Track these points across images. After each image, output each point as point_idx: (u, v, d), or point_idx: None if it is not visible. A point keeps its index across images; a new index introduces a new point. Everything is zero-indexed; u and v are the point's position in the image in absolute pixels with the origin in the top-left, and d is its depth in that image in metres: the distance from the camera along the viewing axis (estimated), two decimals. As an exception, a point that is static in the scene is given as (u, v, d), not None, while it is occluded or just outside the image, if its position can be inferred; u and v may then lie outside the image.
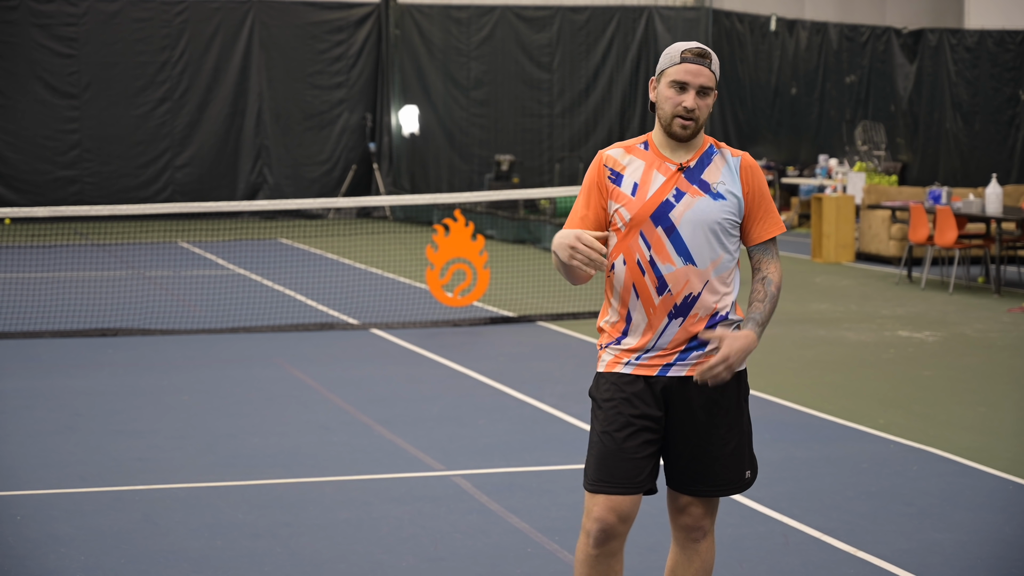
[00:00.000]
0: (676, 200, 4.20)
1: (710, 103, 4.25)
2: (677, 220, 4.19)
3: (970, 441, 8.09)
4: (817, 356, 11.09)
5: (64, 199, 22.08)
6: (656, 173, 4.23)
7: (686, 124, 4.22)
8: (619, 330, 4.28)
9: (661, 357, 4.23)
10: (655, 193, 4.21)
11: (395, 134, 24.40)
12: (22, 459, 7.59)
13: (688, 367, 4.23)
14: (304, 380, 9.87)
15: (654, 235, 4.20)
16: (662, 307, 4.21)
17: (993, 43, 22.99)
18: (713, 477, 4.30)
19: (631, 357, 4.25)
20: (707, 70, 4.21)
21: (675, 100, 4.21)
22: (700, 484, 4.31)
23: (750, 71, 25.59)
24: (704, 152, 4.30)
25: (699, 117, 4.23)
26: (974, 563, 5.89)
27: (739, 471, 4.33)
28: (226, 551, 6.00)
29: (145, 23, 23.23)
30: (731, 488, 4.34)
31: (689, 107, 4.20)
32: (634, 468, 4.22)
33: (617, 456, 4.22)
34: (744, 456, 4.35)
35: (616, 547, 4.27)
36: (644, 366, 4.24)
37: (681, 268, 4.19)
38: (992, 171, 19.58)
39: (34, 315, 12.46)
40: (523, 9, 24.98)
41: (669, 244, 4.19)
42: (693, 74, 4.20)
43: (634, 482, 4.22)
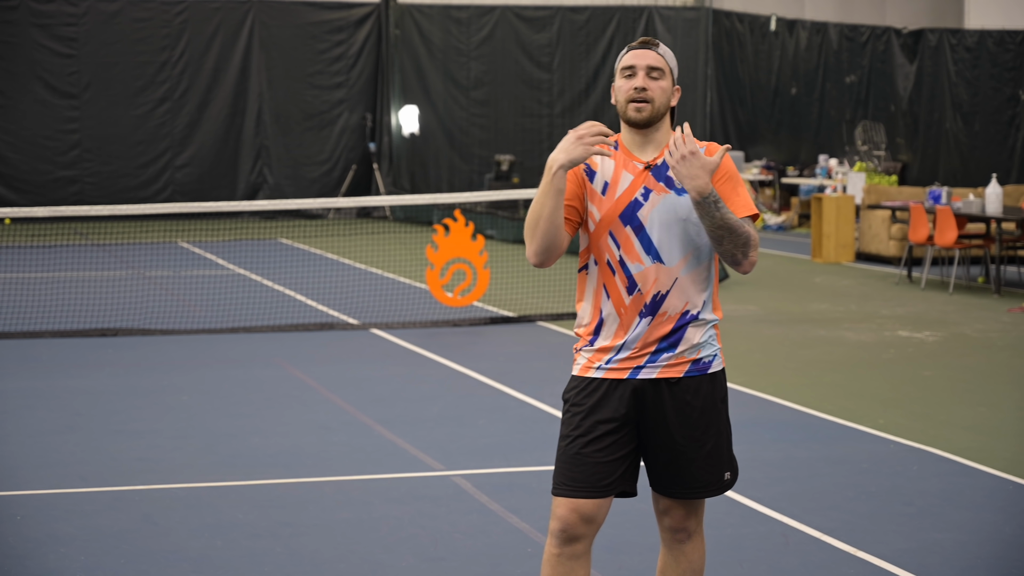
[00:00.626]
0: (644, 199, 4.19)
1: (665, 86, 4.21)
2: (645, 219, 4.18)
3: (970, 441, 8.09)
4: (817, 356, 11.09)
5: (64, 199, 22.07)
6: (625, 173, 4.23)
7: (640, 106, 4.19)
8: (592, 331, 4.26)
9: (631, 359, 4.21)
10: (624, 192, 4.20)
11: (395, 134, 24.40)
12: (22, 459, 7.59)
13: (658, 369, 4.21)
14: (304, 380, 9.87)
15: (623, 234, 4.19)
16: (633, 306, 4.19)
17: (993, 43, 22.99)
18: (690, 479, 4.29)
19: (603, 360, 4.23)
20: (652, 52, 4.20)
21: (626, 87, 4.21)
22: (677, 486, 4.30)
23: (750, 71, 25.59)
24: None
25: (654, 98, 4.19)
26: (974, 563, 5.89)
27: (717, 473, 4.31)
28: (226, 551, 6.00)
29: (145, 23, 23.23)
30: (709, 490, 4.32)
31: (638, 85, 4.17)
32: (597, 472, 4.20)
33: (579, 460, 4.21)
34: (722, 458, 4.32)
35: (580, 549, 4.25)
36: (615, 369, 4.22)
37: (650, 267, 4.18)
38: (992, 171, 19.58)
39: (34, 315, 12.46)
40: (523, 9, 24.98)
41: (637, 243, 4.19)
42: (638, 57, 4.20)
43: (597, 486, 4.20)
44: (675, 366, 4.22)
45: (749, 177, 23.96)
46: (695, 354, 4.23)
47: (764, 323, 12.78)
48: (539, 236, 4.15)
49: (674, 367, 4.21)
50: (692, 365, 4.23)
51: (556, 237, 4.14)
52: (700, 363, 4.24)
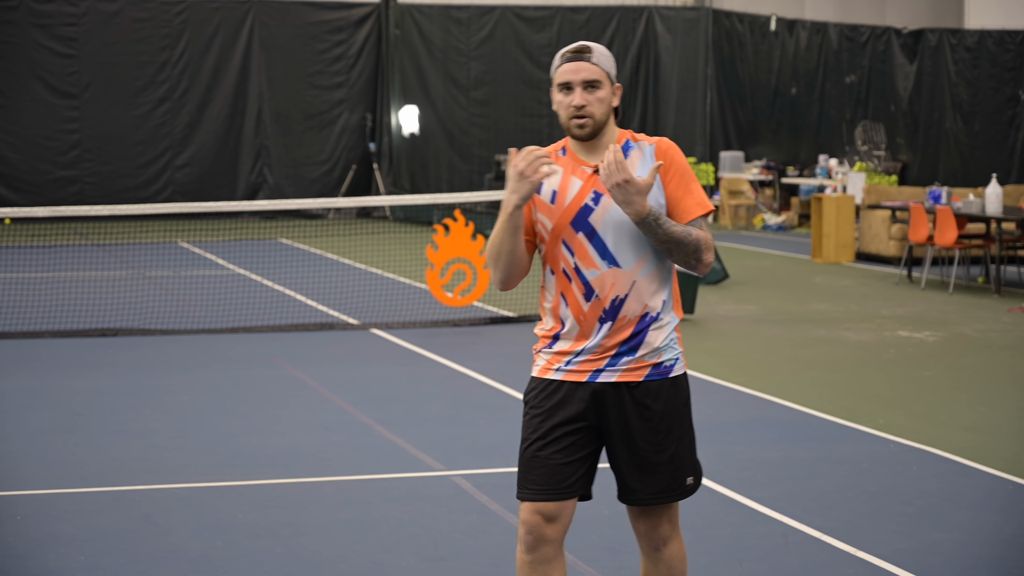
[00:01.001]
0: (595, 203, 4.14)
1: (604, 96, 4.15)
2: (597, 224, 4.13)
3: (970, 441, 8.09)
4: (817, 356, 11.09)
5: (64, 199, 22.07)
6: (573, 179, 4.17)
7: (581, 123, 4.13)
8: (552, 336, 4.22)
9: (591, 362, 4.17)
10: (573, 199, 4.15)
11: (395, 134, 24.41)
12: (22, 459, 7.59)
13: (618, 373, 4.16)
14: (304, 380, 9.87)
15: (576, 241, 4.15)
16: (592, 313, 4.15)
17: (993, 43, 22.99)
18: (651, 485, 4.22)
19: (562, 362, 4.20)
20: (587, 64, 4.12)
21: (564, 103, 4.15)
22: (639, 492, 4.24)
23: (750, 71, 25.59)
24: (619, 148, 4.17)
25: (594, 113, 4.14)
26: (974, 563, 5.89)
27: (679, 477, 4.24)
28: (226, 551, 6.00)
29: (145, 23, 23.23)
30: (670, 495, 4.24)
31: (576, 103, 4.11)
32: (556, 474, 4.17)
33: (537, 463, 4.19)
34: (684, 462, 4.25)
35: (550, 553, 4.24)
36: (574, 371, 4.18)
37: (606, 271, 4.13)
38: (992, 171, 19.59)
39: (34, 315, 12.46)
40: (523, 9, 24.98)
41: (591, 249, 4.13)
42: (573, 71, 4.13)
43: (557, 488, 4.18)
44: (635, 370, 4.17)
45: (749, 177, 23.97)
46: (656, 358, 4.18)
47: (764, 323, 12.78)
48: (502, 268, 4.19)
49: (634, 371, 4.17)
50: (652, 369, 4.18)
51: (517, 266, 4.19)
52: (661, 367, 4.19)
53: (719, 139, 25.52)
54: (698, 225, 4.15)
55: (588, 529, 6.15)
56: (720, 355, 10.99)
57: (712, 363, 10.51)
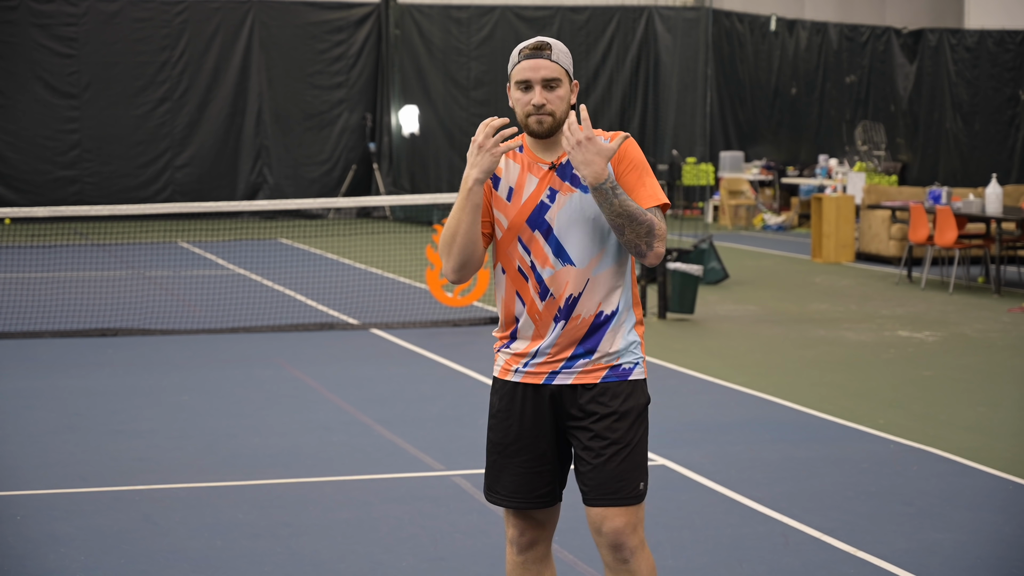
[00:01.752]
0: (551, 201, 4.10)
1: (563, 94, 4.10)
2: (553, 221, 4.09)
3: (970, 441, 8.09)
4: (817, 356, 11.09)
5: (64, 199, 22.08)
6: (530, 176, 4.14)
7: (540, 119, 4.10)
8: (508, 336, 4.18)
9: (547, 364, 4.13)
10: (529, 197, 4.12)
11: (395, 134, 24.41)
12: (22, 459, 7.59)
13: (574, 375, 4.12)
14: (304, 380, 9.87)
15: (531, 239, 4.10)
16: (547, 312, 4.10)
17: (993, 43, 23.00)
18: (606, 484, 4.11)
19: (520, 363, 4.16)
20: (546, 62, 4.08)
21: (523, 100, 4.12)
22: (597, 492, 4.13)
23: (750, 71, 25.59)
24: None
25: (554, 111, 4.09)
26: (974, 563, 5.89)
27: (632, 480, 4.13)
28: (226, 551, 6.00)
29: (145, 23, 23.23)
30: (623, 499, 4.11)
31: (537, 103, 4.09)
32: (526, 483, 4.18)
33: (508, 470, 4.20)
34: (639, 465, 4.14)
35: (542, 552, 4.25)
36: (532, 374, 4.15)
37: (561, 270, 4.09)
38: (992, 171, 19.59)
39: (34, 315, 12.46)
40: (523, 9, 24.98)
41: (547, 247, 4.09)
42: (533, 69, 4.08)
43: (528, 497, 4.19)
44: (591, 372, 4.12)
45: (749, 177, 23.96)
46: (613, 360, 4.13)
47: (764, 323, 12.78)
48: (456, 252, 4.09)
49: (590, 373, 4.12)
50: (610, 371, 4.12)
51: (473, 253, 4.10)
52: (619, 369, 4.13)
53: (719, 139, 25.53)
54: (653, 214, 4.07)
55: (587, 529, 6.14)
56: (720, 355, 10.99)
57: (712, 363, 10.51)
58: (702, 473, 7.21)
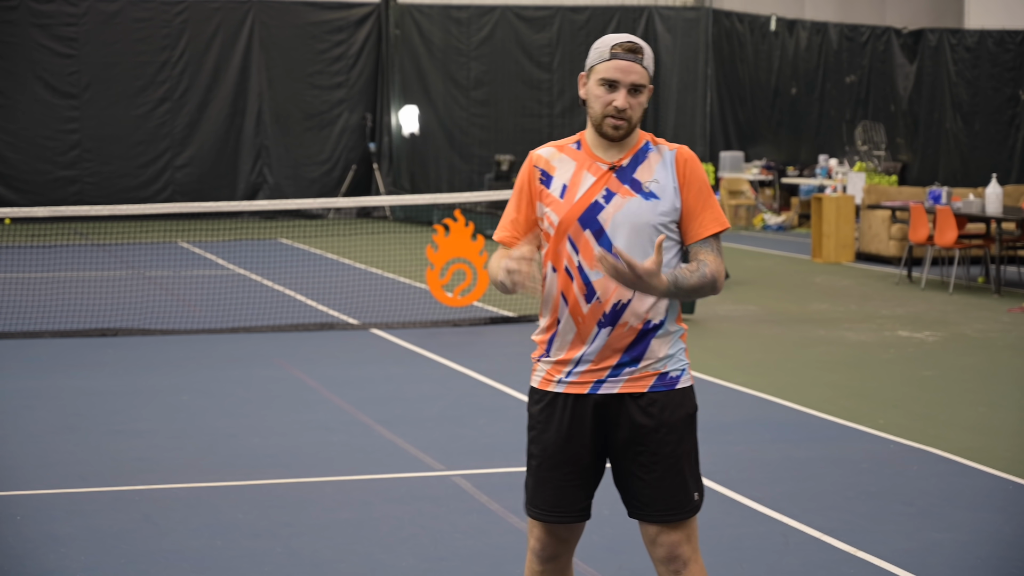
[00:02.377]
0: (606, 202, 3.97)
1: (643, 100, 3.99)
2: (606, 223, 3.97)
3: (970, 441, 8.09)
4: (817, 356, 11.09)
5: (64, 199, 22.07)
6: (586, 174, 4.01)
7: (618, 124, 3.97)
8: (548, 340, 4.07)
9: (592, 372, 4.01)
10: (584, 195, 3.99)
11: (395, 134, 24.41)
12: (22, 459, 7.59)
13: (621, 384, 4.00)
14: (304, 380, 9.87)
15: (582, 239, 3.98)
16: (591, 316, 3.99)
17: (993, 43, 23.00)
18: (661, 500, 4.04)
19: (562, 373, 4.05)
20: (639, 67, 3.95)
21: (605, 99, 3.96)
22: (648, 508, 4.05)
23: (750, 71, 25.60)
24: (639, 149, 4.04)
25: (632, 116, 3.97)
26: (974, 563, 5.89)
27: (687, 492, 4.07)
28: (226, 551, 6.00)
29: (145, 23, 23.23)
30: (681, 512, 4.05)
31: (620, 107, 3.94)
32: (566, 497, 4.08)
33: (550, 484, 4.09)
34: (692, 475, 4.10)
35: (564, 563, 4.19)
36: (575, 384, 4.03)
37: None
38: (992, 171, 19.59)
39: (34, 315, 12.46)
40: (523, 9, 24.99)
41: (597, 248, 3.95)
42: (624, 71, 3.94)
43: (567, 511, 4.10)
44: (638, 380, 4.01)
45: (749, 177, 23.97)
46: (660, 368, 4.03)
47: (764, 323, 12.78)
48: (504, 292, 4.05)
49: (637, 381, 4.01)
50: (657, 380, 4.02)
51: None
52: (666, 378, 4.03)
53: (719, 139, 25.53)
54: (711, 247, 4.01)
55: (589, 529, 6.11)
56: (720, 355, 10.99)
57: (712, 363, 10.50)
58: (702, 473, 7.20)
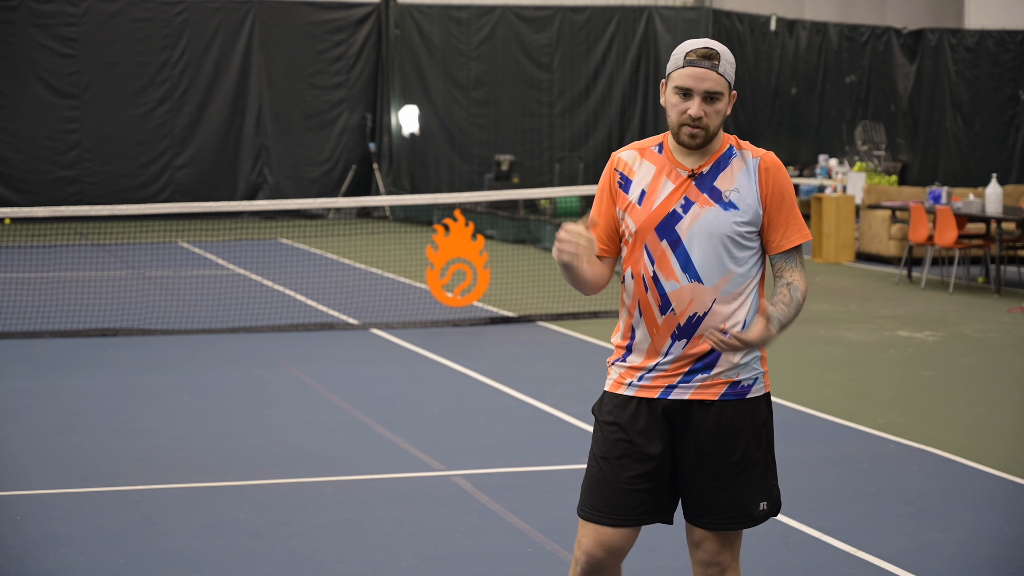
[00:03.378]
0: (684, 211, 3.88)
1: (721, 108, 3.87)
2: (683, 233, 3.87)
3: (970, 441, 8.09)
4: (817, 356, 11.09)
5: (64, 199, 22.06)
6: (666, 180, 3.92)
7: (694, 133, 3.86)
8: (625, 347, 4.00)
9: (664, 377, 3.94)
10: (662, 203, 3.90)
11: (395, 134, 24.41)
12: (22, 459, 7.59)
13: (692, 390, 3.93)
14: (304, 380, 9.87)
15: (658, 249, 3.89)
16: (665, 327, 3.91)
17: (993, 43, 23.00)
18: (723, 508, 3.97)
19: (634, 377, 3.97)
20: (714, 74, 3.84)
21: (680, 108, 3.86)
22: (708, 515, 3.99)
23: (750, 71, 25.59)
24: (721, 155, 3.93)
25: (709, 125, 3.86)
26: (974, 563, 5.89)
27: (750, 503, 3.99)
28: (226, 551, 6.00)
29: (145, 23, 23.23)
30: (742, 521, 3.99)
31: (694, 115, 3.84)
32: (627, 500, 3.97)
33: (611, 486, 3.99)
34: (758, 487, 4.00)
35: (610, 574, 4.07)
36: (646, 387, 3.96)
37: (686, 286, 3.88)
38: (992, 171, 19.59)
39: (34, 315, 12.45)
40: (523, 9, 24.98)
41: (674, 259, 3.88)
42: (698, 79, 3.84)
43: (626, 515, 3.98)
44: (710, 387, 3.93)
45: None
46: (733, 376, 3.94)
47: (764, 323, 12.77)
48: (578, 288, 4.04)
49: (709, 388, 3.93)
50: (729, 388, 3.94)
51: (592, 285, 4.02)
52: (738, 386, 3.94)
53: (719, 139, 25.50)
54: (795, 262, 3.95)
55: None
56: (720, 355, 10.98)
57: (712, 363, 10.49)
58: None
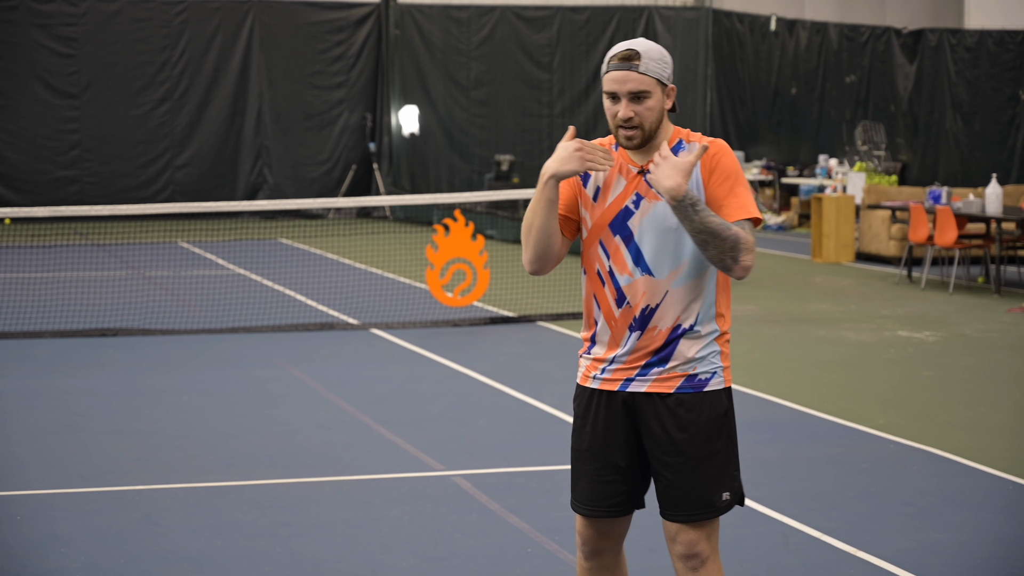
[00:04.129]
0: (635, 207, 3.98)
1: (653, 104, 3.93)
2: (635, 228, 3.98)
3: (970, 441, 8.09)
4: (817, 356, 11.09)
5: (64, 199, 22.07)
6: (619, 177, 4.02)
7: (629, 135, 3.95)
8: (589, 339, 4.12)
9: (623, 370, 4.04)
10: (615, 200, 4.01)
11: (395, 134, 24.41)
12: (22, 459, 7.59)
13: (648, 383, 4.02)
14: (304, 380, 9.87)
15: (612, 244, 4.00)
16: (622, 319, 4.02)
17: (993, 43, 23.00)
18: (687, 499, 4.03)
19: (598, 370, 4.09)
20: (634, 74, 3.91)
21: (611, 111, 3.96)
22: (675, 507, 4.05)
23: (750, 71, 25.60)
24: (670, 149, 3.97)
25: (642, 123, 3.94)
26: (974, 563, 5.89)
27: (715, 493, 4.05)
28: (226, 551, 6.00)
29: (145, 23, 23.23)
30: (705, 512, 4.04)
31: (622, 117, 3.93)
32: (599, 491, 4.11)
33: (584, 477, 4.14)
34: (721, 477, 4.06)
35: (610, 560, 4.19)
36: (608, 380, 4.07)
37: (639, 279, 3.99)
38: (992, 171, 19.58)
39: (34, 315, 12.46)
40: (523, 9, 24.98)
41: (627, 253, 3.99)
42: (619, 82, 3.92)
43: (599, 506, 4.12)
44: (666, 381, 4.02)
45: (749, 177, 23.96)
46: (689, 370, 4.02)
47: (764, 323, 12.78)
48: (532, 245, 4.02)
49: (665, 382, 4.02)
50: (685, 381, 4.02)
51: (550, 246, 4.01)
52: (695, 380, 4.02)
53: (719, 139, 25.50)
54: (740, 227, 3.92)
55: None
56: (720, 355, 10.98)
57: (712, 363, 10.49)
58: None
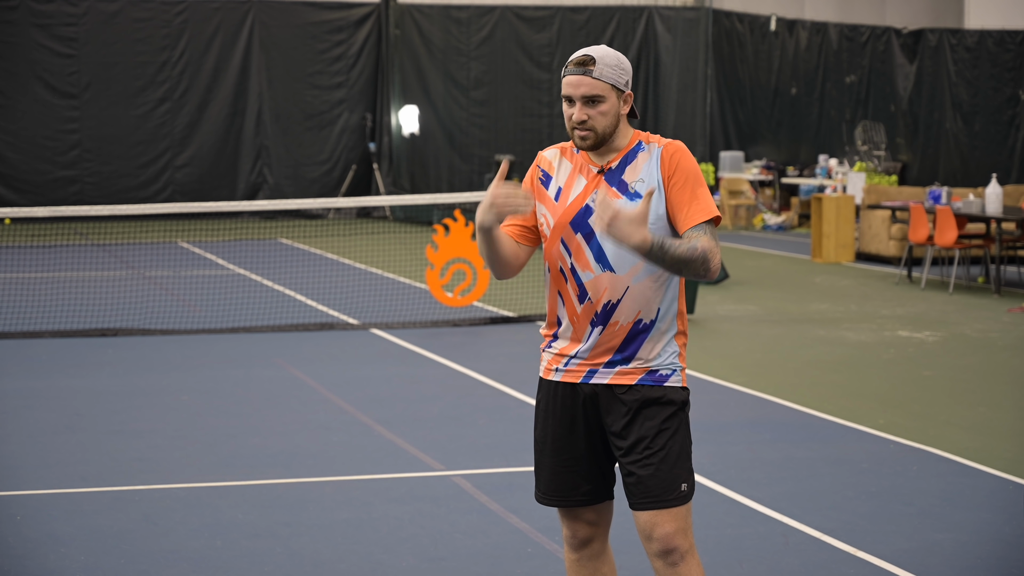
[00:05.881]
0: (595, 205, 4.03)
1: (607, 108, 4.06)
2: (596, 225, 4.08)
3: (970, 441, 8.09)
4: (817, 356, 11.09)
5: (64, 199, 22.07)
6: (580, 177, 4.14)
7: (583, 135, 4.08)
8: (552, 334, 4.21)
9: (586, 364, 4.14)
10: (576, 199, 4.12)
11: (395, 134, 24.41)
12: (22, 459, 7.59)
13: (611, 376, 4.12)
14: (304, 380, 9.87)
15: (574, 242, 4.11)
16: (584, 315, 4.12)
17: (993, 43, 23.00)
18: (648, 489, 4.09)
19: (561, 363, 4.19)
20: (588, 79, 4.06)
21: (566, 114, 4.11)
22: (640, 495, 4.11)
23: (750, 71, 25.60)
24: (629, 151, 4.13)
25: (595, 126, 4.06)
26: (974, 563, 5.89)
27: (672, 481, 4.10)
28: (226, 551, 6.00)
29: (145, 23, 23.23)
30: (669, 501, 4.09)
31: (576, 119, 4.07)
32: (563, 482, 4.22)
33: (548, 469, 4.24)
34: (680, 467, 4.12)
35: (597, 549, 4.26)
36: (571, 372, 4.17)
37: (601, 275, 4.08)
38: (992, 171, 19.59)
39: (34, 315, 12.45)
40: (523, 9, 24.98)
41: (588, 251, 4.10)
42: (574, 86, 4.08)
43: (565, 496, 4.22)
44: (628, 374, 4.12)
45: (749, 177, 23.96)
46: (650, 366, 4.13)
47: (764, 323, 12.78)
48: (491, 266, 4.19)
49: (626, 375, 4.12)
50: (646, 375, 4.12)
51: (506, 264, 4.17)
52: (656, 374, 4.12)
53: (719, 139, 25.52)
54: (701, 231, 4.01)
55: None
56: (720, 355, 10.99)
57: (712, 363, 10.50)
58: (702, 473, 7.20)
